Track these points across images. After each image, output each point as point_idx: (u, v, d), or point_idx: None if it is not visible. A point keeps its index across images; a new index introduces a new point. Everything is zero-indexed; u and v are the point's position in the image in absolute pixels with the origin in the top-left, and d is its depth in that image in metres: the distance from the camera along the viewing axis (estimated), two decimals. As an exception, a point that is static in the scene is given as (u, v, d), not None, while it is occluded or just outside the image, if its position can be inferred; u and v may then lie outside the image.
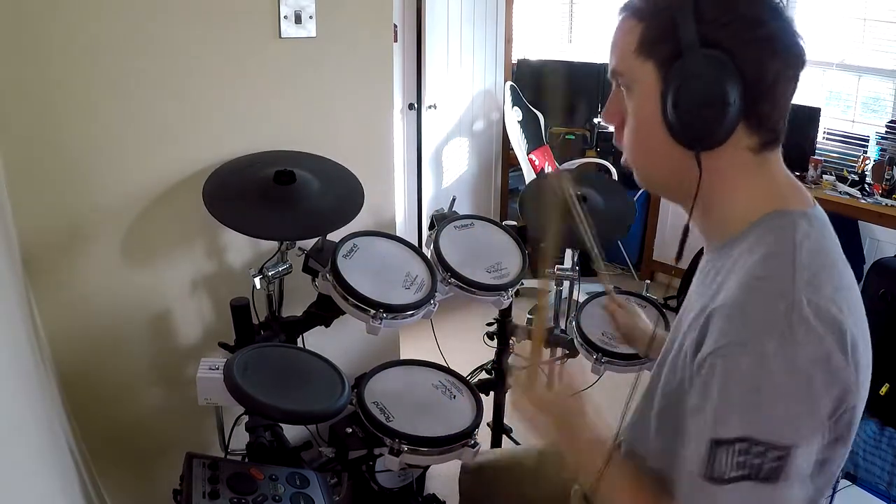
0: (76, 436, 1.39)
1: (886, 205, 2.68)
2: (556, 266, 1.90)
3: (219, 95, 1.52)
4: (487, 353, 1.93)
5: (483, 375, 1.93)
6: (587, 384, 1.19)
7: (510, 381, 1.00)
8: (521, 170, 3.45)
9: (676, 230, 3.38)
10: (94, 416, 1.48)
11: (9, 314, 0.99)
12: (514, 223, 1.76)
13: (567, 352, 1.75)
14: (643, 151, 0.82)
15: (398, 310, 1.33)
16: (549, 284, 1.11)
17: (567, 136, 3.62)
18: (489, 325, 1.88)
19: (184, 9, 1.41)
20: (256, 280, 1.44)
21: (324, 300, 1.44)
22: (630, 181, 0.90)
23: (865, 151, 2.92)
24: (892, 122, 2.84)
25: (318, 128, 1.73)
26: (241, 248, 1.66)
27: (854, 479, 2.03)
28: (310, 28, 1.63)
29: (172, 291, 1.57)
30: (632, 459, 0.93)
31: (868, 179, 2.84)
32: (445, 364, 1.51)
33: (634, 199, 1.92)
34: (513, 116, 3.41)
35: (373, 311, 1.29)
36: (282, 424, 1.34)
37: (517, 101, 3.45)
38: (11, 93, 1.23)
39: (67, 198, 1.36)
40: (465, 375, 1.49)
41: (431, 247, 1.54)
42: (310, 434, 1.78)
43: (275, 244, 1.51)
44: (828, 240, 0.76)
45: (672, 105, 0.74)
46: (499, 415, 1.99)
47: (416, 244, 1.57)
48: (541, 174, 3.29)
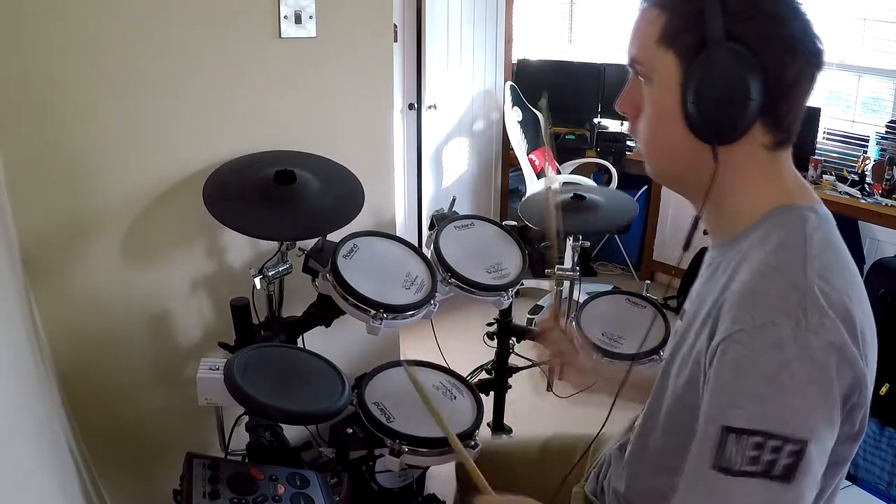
0: (76, 436, 1.38)
1: (886, 205, 2.68)
2: (557, 266, 1.90)
3: (219, 95, 1.52)
4: (487, 353, 1.93)
5: (483, 375, 1.93)
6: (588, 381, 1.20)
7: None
8: (521, 170, 3.44)
9: (676, 230, 3.42)
10: (94, 416, 1.48)
11: (9, 314, 0.99)
12: (514, 223, 1.76)
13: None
14: (659, 143, 0.81)
15: (398, 310, 1.33)
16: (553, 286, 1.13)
17: (567, 136, 3.62)
18: (489, 325, 1.89)
19: (184, 9, 1.41)
20: (256, 280, 1.44)
21: (324, 300, 1.44)
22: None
23: (865, 151, 2.92)
24: (892, 122, 2.84)
25: (318, 128, 1.73)
26: (241, 248, 1.66)
27: (854, 479, 2.03)
28: (310, 28, 1.63)
29: (172, 291, 1.57)
30: (638, 456, 0.93)
31: (868, 179, 2.84)
32: (445, 364, 1.51)
33: (635, 199, 1.92)
34: (513, 116, 3.41)
35: (373, 312, 1.29)
36: (282, 425, 1.34)
37: (517, 101, 3.45)
38: (11, 93, 1.23)
39: (67, 198, 1.36)
40: (465, 375, 1.49)
41: (431, 247, 1.54)
42: (310, 434, 1.78)
43: (275, 244, 1.51)
44: (835, 234, 0.76)
45: (693, 97, 0.74)
46: (499, 415, 1.99)
47: (416, 244, 1.57)
48: (540, 174, 3.30)
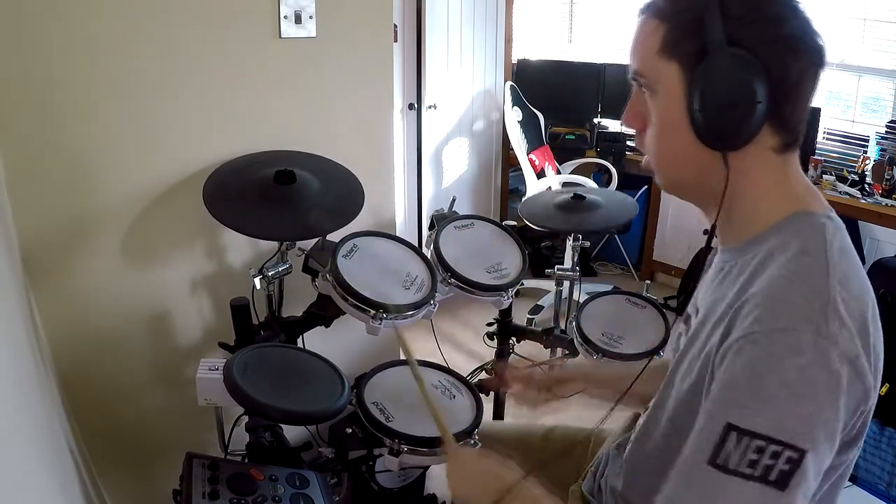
0: (76, 436, 1.38)
1: (886, 205, 2.68)
2: (557, 266, 1.90)
3: (219, 95, 1.52)
4: (487, 353, 1.93)
5: (483, 375, 1.93)
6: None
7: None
8: (521, 170, 3.45)
9: (677, 230, 3.42)
10: (94, 416, 1.48)
11: (9, 314, 0.99)
12: (514, 223, 1.76)
13: (567, 352, 1.75)
14: (668, 154, 0.81)
15: (398, 310, 1.32)
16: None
17: (567, 136, 3.62)
18: (489, 325, 1.89)
19: (184, 9, 1.41)
20: (256, 280, 1.44)
21: (324, 300, 1.44)
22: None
23: (865, 151, 2.91)
24: (892, 122, 2.83)
25: (318, 128, 1.73)
26: (241, 248, 1.66)
27: (854, 479, 2.02)
28: (310, 28, 1.63)
29: (172, 291, 1.57)
30: (637, 456, 0.93)
31: (868, 179, 2.84)
32: (445, 364, 1.50)
33: (635, 199, 1.92)
34: (513, 116, 3.41)
35: (373, 311, 1.29)
36: (282, 425, 1.34)
37: (517, 101, 3.45)
38: (11, 93, 1.23)
39: (67, 198, 1.36)
40: (465, 375, 1.49)
41: (431, 247, 1.54)
42: (310, 434, 1.78)
43: (275, 244, 1.51)
44: (848, 241, 0.76)
45: (699, 105, 0.73)
46: (499, 415, 1.99)
47: (416, 244, 1.57)
48: (540, 174, 3.29)
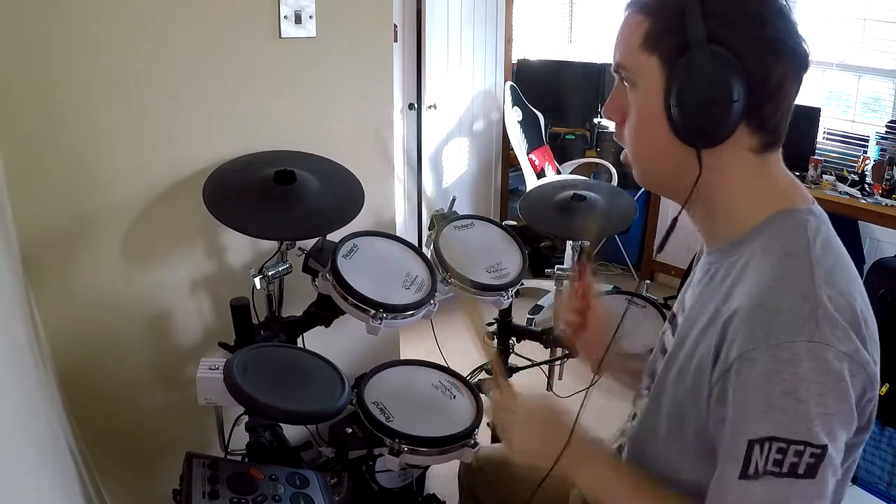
0: (76, 436, 1.38)
1: (886, 205, 2.68)
2: (557, 266, 1.90)
3: (219, 95, 1.52)
4: (486, 353, 1.93)
5: (483, 375, 1.93)
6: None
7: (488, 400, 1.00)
8: (521, 170, 3.45)
9: (677, 230, 3.41)
10: (94, 416, 1.48)
11: (9, 314, 0.99)
12: (514, 223, 1.76)
13: (567, 352, 1.75)
14: (644, 147, 0.82)
15: (398, 310, 1.33)
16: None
17: (567, 136, 3.62)
18: (489, 325, 1.88)
19: (184, 9, 1.41)
20: (256, 280, 1.44)
21: (324, 300, 1.44)
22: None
23: (865, 151, 2.91)
24: (892, 122, 2.83)
25: (318, 128, 1.73)
26: (241, 248, 1.66)
27: (854, 479, 2.02)
28: (310, 28, 1.63)
29: (172, 291, 1.57)
30: (636, 460, 0.93)
31: (868, 179, 2.84)
32: (445, 364, 1.50)
33: (635, 199, 1.92)
34: (513, 116, 3.41)
35: (373, 311, 1.29)
36: (282, 424, 1.34)
37: (517, 101, 3.45)
38: (11, 93, 1.23)
39: (67, 198, 1.36)
40: (465, 375, 1.49)
41: (431, 247, 1.54)
42: (310, 434, 1.78)
43: (275, 244, 1.51)
44: (832, 232, 0.77)
45: (676, 100, 0.74)
46: (499, 415, 1.99)
47: (416, 244, 1.57)
48: (540, 174, 3.29)
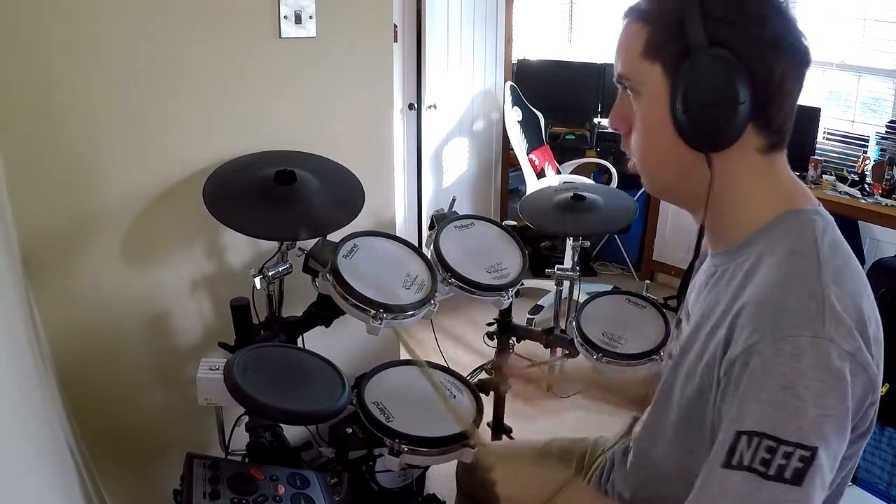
0: (76, 436, 1.38)
1: (886, 205, 2.68)
2: (557, 266, 1.90)
3: (219, 95, 1.52)
4: (488, 353, 1.93)
5: (483, 375, 1.93)
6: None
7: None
8: (521, 170, 3.45)
9: (677, 230, 3.41)
10: (94, 416, 1.47)
11: (9, 314, 0.99)
12: (514, 223, 1.76)
13: (567, 352, 1.75)
14: (653, 156, 0.81)
15: (398, 310, 1.33)
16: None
17: (567, 136, 3.62)
18: (489, 325, 1.88)
19: (184, 9, 1.41)
20: (256, 280, 1.44)
21: (324, 300, 1.44)
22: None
23: (865, 151, 2.92)
24: (892, 122, 2.83)
25: (318, 128, 1.73)
26: (241, 248, 1.66)
27: (854, 479, 2.02)
28: (310, 28, 1.63)
29: (172, 291, 1.57)
30: (643, 464, 0.93)
31: (868, 179, 2.84)
32: (445, 364, 1.51)
33: (635, 199, 1.92)
34: (513, 116, 3.41)
35: (373, 311, 1.29)
36: (282, 425, 1.34)
37: (517, 101, 3.45)
38: (11, 93, 1.23)
39: (67, 198, 1.36)
40: (465, 375, 1.49)
41: (431, 247, 1.54)
42: (310, 434, 1.78)
43: (275, 244, 1.51)
44: (838, 234, 0.77)
45: (681, 106, 0.73)
46: (499, 415, 1.99)
47: (416, 244, 1.57)
48: (540, 174, 3.29)
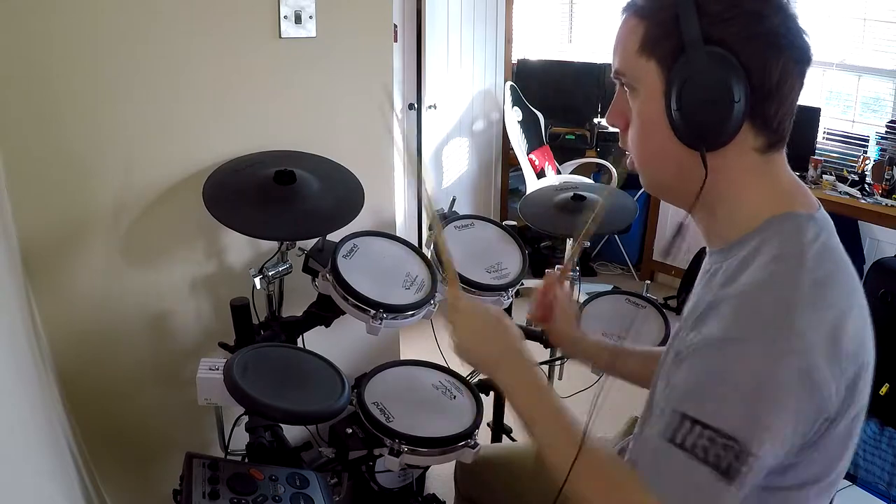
0: (76, 436, 1.38)
1: (886, 205, 2.68)
2: (557, 266, 1.90)
3: (219, 95, 1.52)
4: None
5: (483, 375, 1.92)
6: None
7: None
8: (521, 170, 3.45)
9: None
10: (94, 416, 1.47)
11: (9, 314, 0.99)
12: (514, 223, 1.76)
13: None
14: (648, 153, 0.80)
15: (398, 310, 1.33)
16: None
17: (567, 136, 3.62)
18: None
19: (184, 9, 1.41)
20: (256, 280, 1.44)
21: (324, 300, 1.44)
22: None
23: (865, 151, 2.92)
24: (892, 122, 2.84)
25: (318, 128, 1.73)
26: (241, 248, 1.66)
27: (854, 479, 2.03)
28: (310, 28, 1.63)
29: (172, 291, 1.57)
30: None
31: (868, 179, 2.84)
32: (445, 364, 1.50)
33: (635, 199, 1.92)
34: (513, 116, 3.41)
35: (373, 311, 1.29)
36: (282, 425, 1.34)
37: (517, 101, 3.45)
38: (11, 93, 1.23)
39: (67, 198, 1.36)
40: (465, 375, 1.49)
41: (431, 247, 1.54)
42: (310, 434, 1.78)
43: (275, 244, 1.51)
44: (834, 242, 0.75)
45: (676, 104, 0.73)
46: (499, 415, 1.99)
47: (416, 244, 1.57)
48: (540, 174, 3.29)
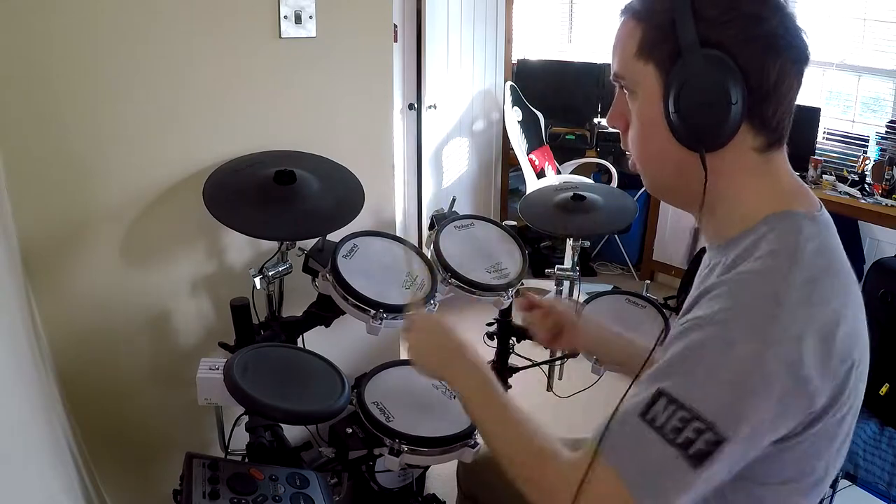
0: (76, 436, 1.38)
1: (886, 205, 2.68)
2: (557, 266, 1.90)
3: (219, 95, 1.52)
4: (487, 353, 1.93)
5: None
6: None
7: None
8: (521, 170, 3.45)
9: (676, 231, 3.42)
10: (94, 416, 1.47)
11: (9, 314, 0.99)
12: (514, 223, 1.76)
13: (567, 352, 1.75)
14: (648, 154, 0.81)
15: (398, 310, 1.33)
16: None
17: (567, 136, 3.62)
18: (489, 325, 1.88)
19: (184, 9, 1.41)
20: (256, 280, 1.44)
21: (324, 300, 1.44)
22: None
23: (865, 151, 2.92)
24: (892, 122, 2.84)
25: (318, 128, 1.73)
26: (241, 248, 1.66)
27: (854, 479, 2.02)
28: (310, 28, 1.63)
29: (172, 291, 1.57)
30: None
31: (868, 179, 2.84)
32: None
33: (635, 199, 1.92)
34: (513, 116, 3.41)
35: (373, 311, 1.30)
36: (282, 424, 1.34)
37: (517, 101, 3.45)
38: (11, 93, 1.23)
39: (67, 198, 1.36)
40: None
41: (431, 247, 1.54)
42: (310, 434, 1.78)
43: (275, 244, 1.51)
44: (832, 243, 0.75)
45: (674, 106, 0.73)
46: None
47: (416, 244, 1.57)
48: (540, 174, 3.29)
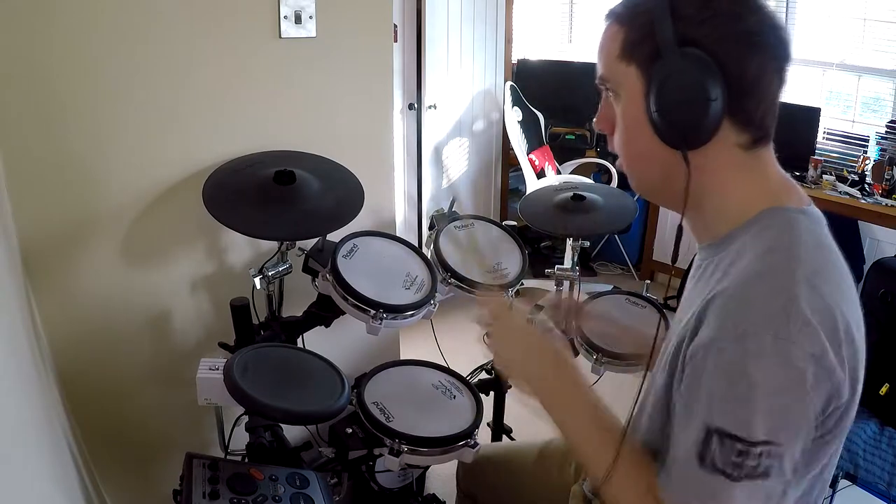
0: (76, 436, 1.39)
1: (886, 205, 2.68)
2: (557, 266, 1.90)
3: (219, 95, 1.52)
4: (487, 353, 1.92)
5: (483, 375, 1.93)
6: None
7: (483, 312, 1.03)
8: (521, 170, 3.45)
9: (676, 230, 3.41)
10: (94, 416, 1.48)
11: (9, 314, 0.99)
12: (514, 223, 1.76)
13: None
14: (633, 155, 0.83)
15: (398, 310, 1.33)
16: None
17: (567, 136, 3.62)
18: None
19: (184, 9, 1.41)
20: (256, 280, 1.44)
21: (324, 300, 1.44)
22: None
23: (865, 151, 2.92)
24: (892, 122, 2.84)
25: (318, 128, 1.73)
26: (241, 248, 1.66)
27: (854, 479, 2.02)
28: (310, 28, 1.63)
29: (172, 291, 1.57)
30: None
31: (868, 179, 2.84)
32: (445, 364, 1.51)
33: (635, 199, 1.92)
34: (513, 116, 3.41)
35: (373, 311, 1.30)
36: (282, 425, 1.34)
37: (517, 101, 3.45)
38: (11, 93, 1.23)
39: (67, 198, 1.36)
40: (465, 375, 1.49)
41: (431, 247, 1.54)
42: (310, 434, 1.78)
43: (275, 244, 1.51)
44: (826, 237, 0.76)
45: (655, 105, 0.75)
46: (499, 414, 1.99)
47: (416, 244, 1.57)
48: (540, 174, 3.29)
